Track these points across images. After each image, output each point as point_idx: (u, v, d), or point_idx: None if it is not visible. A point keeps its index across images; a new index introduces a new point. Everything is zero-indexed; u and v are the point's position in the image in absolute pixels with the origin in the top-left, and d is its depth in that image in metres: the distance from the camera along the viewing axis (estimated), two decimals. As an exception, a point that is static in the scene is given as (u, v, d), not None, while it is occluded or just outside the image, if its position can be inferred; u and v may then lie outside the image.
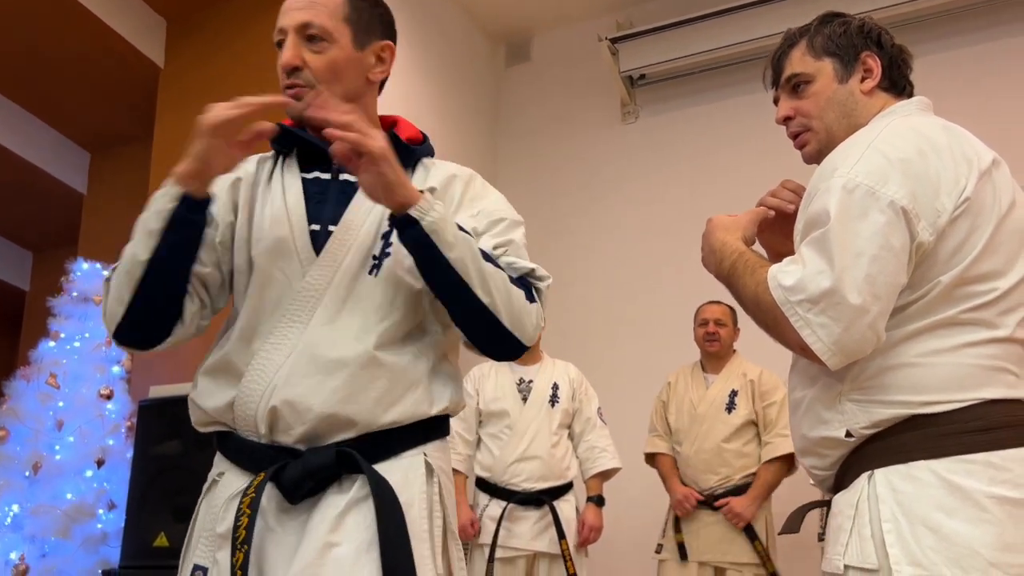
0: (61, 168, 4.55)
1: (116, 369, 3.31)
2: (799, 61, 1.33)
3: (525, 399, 3.11)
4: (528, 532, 2.97)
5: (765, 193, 1.43)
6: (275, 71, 1.32)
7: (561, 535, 2.94)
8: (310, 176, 1.30)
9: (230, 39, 3.81)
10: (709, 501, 3.01)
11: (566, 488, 3.08)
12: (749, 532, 2.94)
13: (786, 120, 1.35)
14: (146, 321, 1.24)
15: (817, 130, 1.31)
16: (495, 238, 1.28)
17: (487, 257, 1.20)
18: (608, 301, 4.26)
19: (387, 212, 1.21)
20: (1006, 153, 1.28)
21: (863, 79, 1.30)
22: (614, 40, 4.33)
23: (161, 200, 1.21)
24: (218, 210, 1.30)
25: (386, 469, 1.17)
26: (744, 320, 3.30)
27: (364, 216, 1.25)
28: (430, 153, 1.40)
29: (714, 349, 3.18)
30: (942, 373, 1.11)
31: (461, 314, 1.20)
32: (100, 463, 3.06)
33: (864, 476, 1.13)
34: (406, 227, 1.14)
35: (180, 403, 2.87)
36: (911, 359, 1.12)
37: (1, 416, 3.05)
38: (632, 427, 3.40)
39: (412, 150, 1.35)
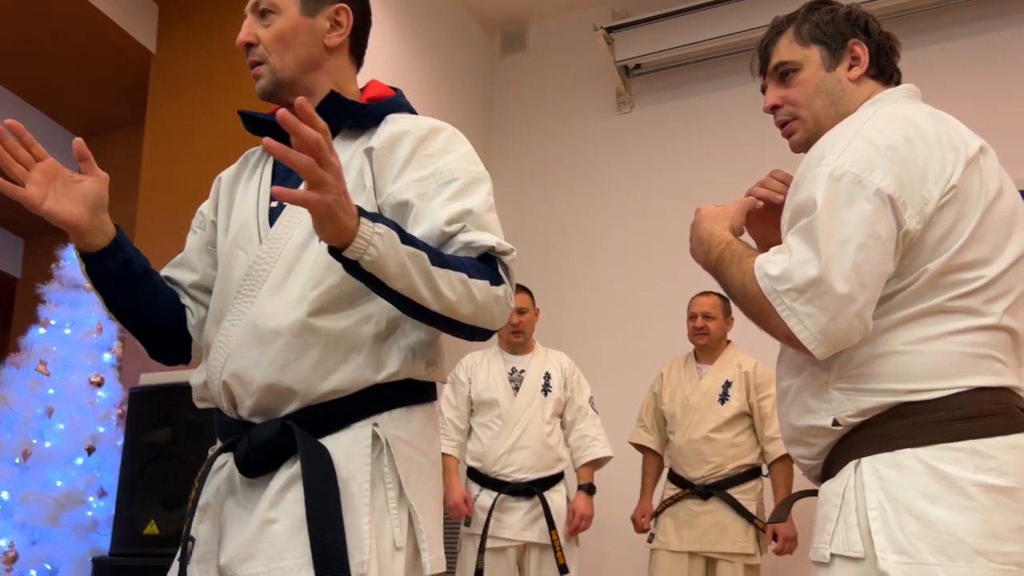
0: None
1: (107, 356, 3.30)
2: (786, 49, 1.33)
3: (517, 389, 3.11)
4: (519, 522, 2.97)
5: (755, 183, 1.42)
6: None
7: (551, 526, 2.94)
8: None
9: (221, 25, 3.78)
10: (700, 491, 3.02)
11: (557, 478, 3.09)
12: (747, 515, 2.94)
13: (773, 109, 1.35)
14: (160, 344, 1.35)
15: (804, 118, 1.31)
16: (448, 206, 1.17)
17: (439, 258, 1.10)
18: (602, 291, 4.25)
19: (366, 184, 1.23)
20: (1004, 144, 1.28)
21: (850, 67, 1.30)
22: (609, 29, 4.31)
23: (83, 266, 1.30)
24: (206, 212, 1.38)
25: (330, 441, 1.14)
26: (740, 319, 3.30)
27: None
28: (401, 109, 1.32)
29: (703, 342, 3.18)
30: (929, 361, 1.11)
31: (422, 320, 1.15)
32: (90, 450, 3.05)
33: (851, 465, 1.13)
34: (346, 264, 1.05)
35: (171, 391, 2.92)
36: (898, 347, 1.12)
37: (-10, 403, 3.03)
38: (625, 417, 3.40)
39: (364, 108, 1.29)
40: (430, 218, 1.17)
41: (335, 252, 1.04)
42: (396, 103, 1.33)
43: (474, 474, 3.08)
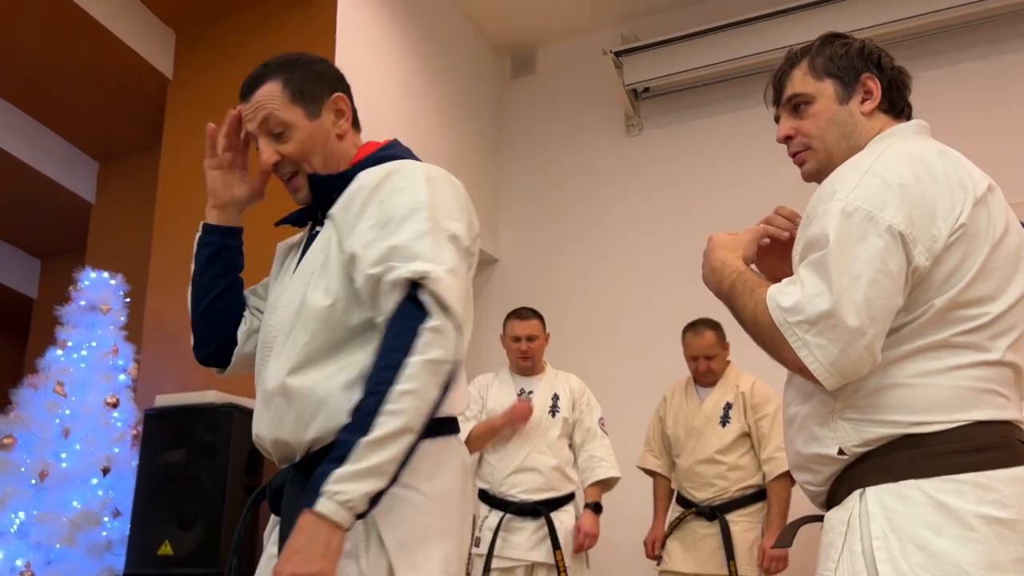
0: (70, 177, 4.59)
1: (122, 378, 3.34)
2: (800, 81, 1.36)
3: (524, 410, 3.13)
4: (525, 542, 2.98)
5: (764, 212, 1.45)
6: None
7: (556, 546, 2.95)
8: (314, 231, 1.43)
9: (238, 50, 3.85)
10: (706, 512, 3.03)
11: (566, 500, 3.10)
12: (727, 549, 2.93)
13: (787, 139, 1.38)
14: (206, 337, 1.47)
15: (817, 150, 1.34)
16: (376, 246, 1.20)
17: (366, 416, 1.11)
18: (610, 312, 4.28)
19: (324, 250, 1.32)
20: (1007, 168, 1.30)
21: (863, 100, 1.32)
22: (619, 53, 4.36)
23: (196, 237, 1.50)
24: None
25: None
26: (736, 331, 3.30)
27: (311, 258, 1.35)
28: (376, 163, 1.35)
29: (709, 382, 3.18)
30: (933, 394, 1.14)
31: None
32: (106, 471, 3.08)
33: (856, 494, 1.15)
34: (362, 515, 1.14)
35: (186, 412, 2.96)
36: (903, 380, 1.15)
37: (8, 424, 3.07)
38: (633, 438, 3.42)
39: (339, 178, 1.35)
40: (362, 264, 1.21)
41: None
42: (372, 160, 1.38)
43: (483, 495, 3.10)
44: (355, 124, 1.46)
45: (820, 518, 1.26)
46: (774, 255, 1.38)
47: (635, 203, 4.41)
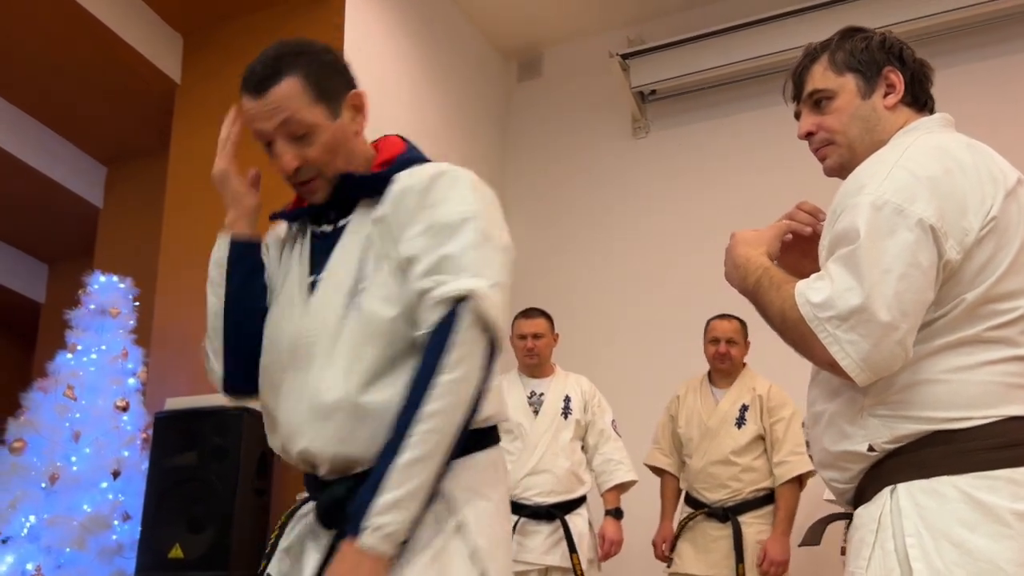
0: (77, 182, 4.59)
1: (132, 381, 3.34)
2: (821, 77, 1.34)
3: (536, 412, 3.13)
4: (540, 546, 2.97)
5: (780, 213, 1.44)
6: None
7: (572, 549, 2.94)
8: (318, 229, 1.36)
9: (246, 54, 3.79)
10: (718, 513, 3.01)
11: (578, 502, 3.09)
12: (738, 551, 2.92)
13: (808, 135, 1.36)
14: (245, 366, 1.35)
15: (840, 144, 1.32)
16: (428, 259, 1.19)
17: (402, 435, 1.11)
18: (618, 315, 4.27)
19: (364, 253, 1.27)
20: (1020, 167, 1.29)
21: (886, 94, 1.31)
22: (625, 56, 4.36)
23: (214, 253, 1.37)
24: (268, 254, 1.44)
25: None
26: (755, 334, 3.32)
27: (345, 257, 1.28)
28: (409, 165, 1.32)
29: (724, 367, 3.19)
30: (965, 390, 1.12)
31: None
32: (116, 474, 3.08)
33: (886, 490, 1.14)
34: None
35: (196, 415, 2.95)
36: (935, 375, 1.13)
37: (19, 427, 3.07)
38: (643, 440, 3.41)
39: (375, 179, 1.30)
40: (412, 274, 1.21)
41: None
42: (404, 161, 1.34)
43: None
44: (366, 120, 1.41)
45: (846, 516, 1.25)
46: (796, 251, 1.36)
47: (642, 205, 4.41)
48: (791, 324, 1.16)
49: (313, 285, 1.29)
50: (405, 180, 1.28)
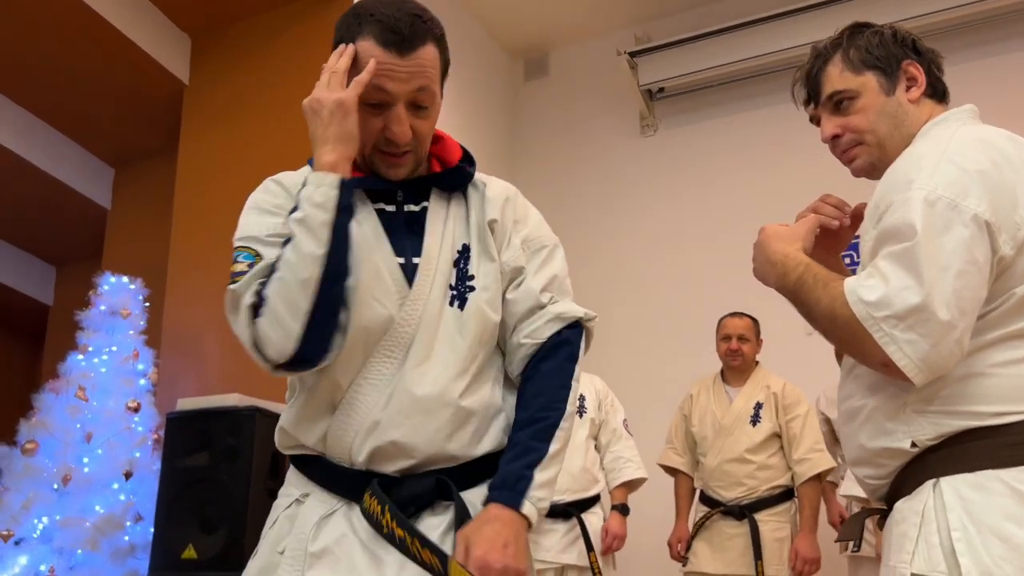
0: (85, 183, 4.60)
1: (143, 382, 3.34)
2: (839, 78, 1.31)
3: (552, 411, 3.12)
4: (556, 545, 2.96)
5: (790, 209, 1.41)
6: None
7: (590, 547, 2.94)
8: (385, 208, 1.27)
9: (253, 55, 3.86)
10: (734, 511, 3.01)
11: (593, 501, 3.08)
12: (756, 548, 2.91)
13: (834, 138, 1.33)
14: (324, 329, 1.12)
15: (870, 144, 1.30)
16: (539, 273, 1.29)
17: (537, 443, 1.18)
18: (629, 313, 4.26)
19: (458, 240, 1.26)
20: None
21: (908, 88, 1.29)
22: (633, 54, 4.36)
23: (320, 190, 1.14)
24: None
25: (472, 496, 1.20)
26: (768, 332, 3.31)
27: (439, 246, 1.24)
28: (474, 167, 1.34)
29: (736, 364, 3.18)
30: (1013, 384, 1.11)
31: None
32: (128, 475, 3.08)
33: (928, 484, 1.12)
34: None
35: (207, 415, 2.94)
36: (983, 370, 1.12)
37: (31, 429, 3.07)
38: (655, 438, 3.40)
39: (467, 175, 1.32)
40: (527, 286, 1.28)
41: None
42: (472, 162, 1.34)
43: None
44: None
45: (879, 511, 1.24)
46: (820, 246, 1.33)
47: (650, 203, 4.40)
48: (841, 323, 1.12)
49: (405, 268, 1.21)
50: (497, 189, 1.32)
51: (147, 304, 3.54)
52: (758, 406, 3.08)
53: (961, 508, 1.08)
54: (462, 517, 1.16)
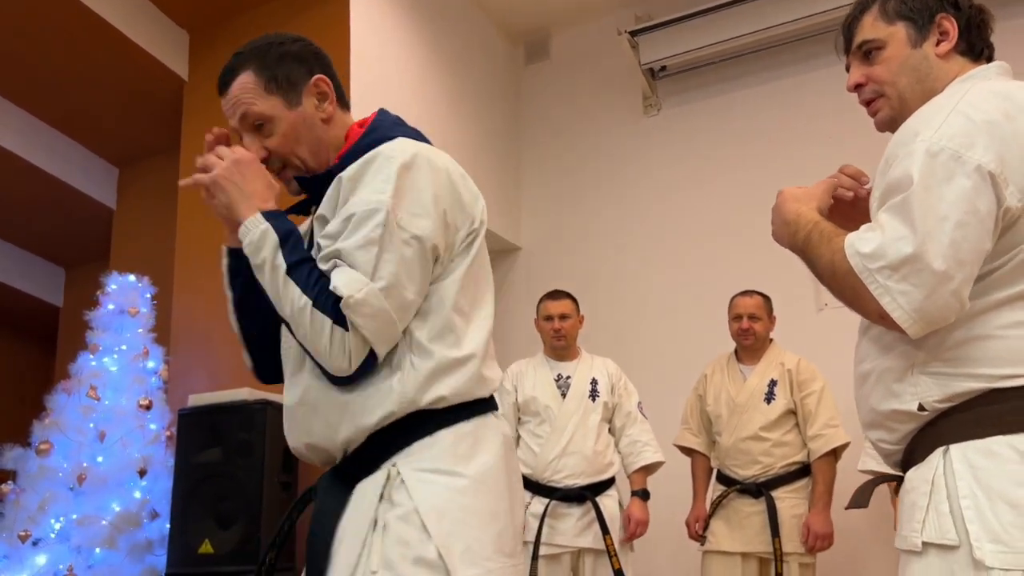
0: (90, 184, 4.59)
1: (154, 380, 3.34)
2: (871, 27, 1.29)
3: (564, 395, 3.11)
4: (572, 529, 2.96)
5: (796, 184, 1.38)
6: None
7: (605, 531, 2.93)
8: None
9: (252, 49, 3.83)
10: (751, 489, 2.99)
11: (608, 483, 3.07)
12: (773, 526, 2.89)
13: (857, 87, 1.31)
14: (271, 358, 1.39)
15: (890, 96, 1.28)
16: (336, 245, 1.22)
17: (296, 271, 1.21)
18: (637, 294, 4.24)
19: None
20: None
21: (938, 42, 1.26)
22: (633, 33, 4.31)
23: (223, 260, 1.40)
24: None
25: (361, 484, 1.24)
26: (780, 309, 3.28)
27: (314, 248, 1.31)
28: (360, 152, 1.28)
29: (749, 343, 3.16)
30: (1020, 346, 1.08)
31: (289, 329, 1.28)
32: (143, 473, 3.08)
33: (939, 451, 1.10)
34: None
35: (220, 411, 2.95)
36: (991, 331, 1.09)
37: (44, 429, 3.08)
38: (670, 420, 3.38)
39: (323, 180, 1.31)
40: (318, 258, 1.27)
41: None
42: (358, 149, 1.30)
43: (525, 482, 3.06)
44: (342, 103, 1.38)
45: (893, 477, 1.22)
46: (836, 215, 1.31)
47: (656, 183, 4.37)
48: (841, 276, 1.12)
49: None
50: (347, 172, 1.26)
51: (155, 302, 3.54)
52: (772, 383, 3.06)
53: (971, 475, 1.06)
54: (317, 507, 1.28)
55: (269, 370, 1.41)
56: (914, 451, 1.16)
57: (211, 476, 2.89)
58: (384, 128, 1.34)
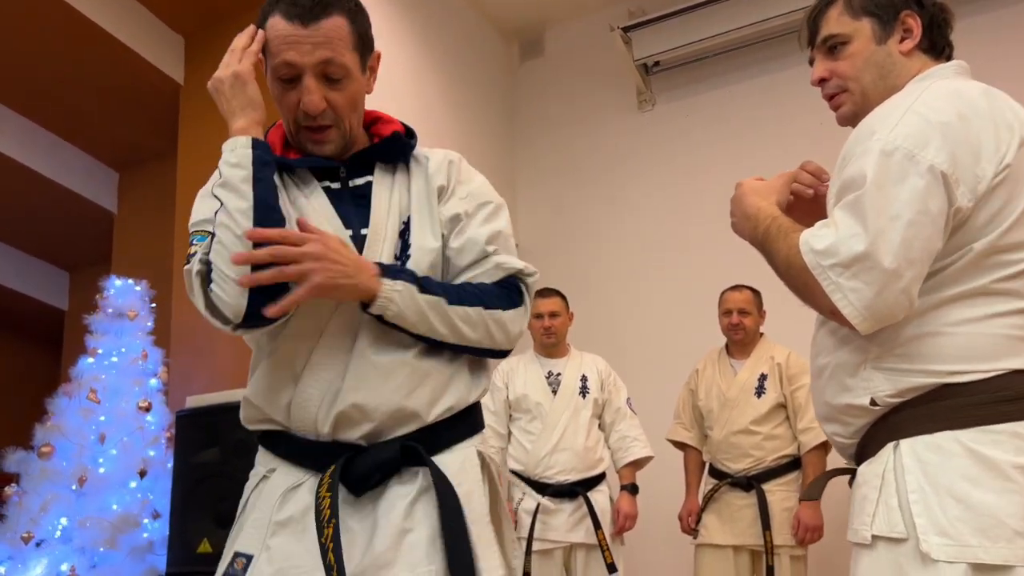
0: (91, 189, 4.65)
1: (153, 382, 3.38)
2: (836, 21, 1.31)
3: (555, 392, 3.14)
4: (564, 524, 2.99)
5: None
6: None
7: (597, 525, 2.96)
8: (331, 185, 1.31)
9: (246, 52, 3.86)
10: (742, 482, 3.01)
11: (599, 479, 3.10)
12: (764, 519, 2.91)
13: (821, 82, 1.33)
14: (268, 288, 1.15)
15: (853, 91, 1.29)
16: (485, 225, 1.30)
17: (457, 296, 1.22)
18: (631, 289, 4.26)
19: (404, 211, 1.29)
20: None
21: (902, 39, 1.28)
22: (626, 29, 4.32)
23: (236, 153, 1.18)
24: None
25: (443, 461, 1.21)
26: (770, 303, 3.29)
27: (385, 218, 1.27)
28: (415, 140, 1.38)
29: (739, 338, 3.17)
30: (971, 343, 1.11)
31: (445, 349, 1.25)
32: (143, 474, 3.12)
33: (889, 446, 1.13)
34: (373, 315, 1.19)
35: (216, 412, 2.98)
36: (940, 327, 1.12)
37: (46, 432, 3.12)
38: (662, 415, 3.40)
39: (406, 144, 1.34)
40: (472, 236, 1.29)
41: (364, 307, 1.18)
42: (413, 135, 1.38)
43: (517, 478, 3.11)
44: None
45: (850, 471, 1.24)
46: (797, 211, 1.33)
47: (652, 179, 4.38)
48: (795, 272, 1.14)
49: (355, 239, 1.24)
50: (438, 155, 1.36)
51: (154, 305, 3.58)
52: (762, 377, 3.07)
53: (919, 470, 1.08)
54: (437, 480, 1.17)
55: (263, 304, 1.14)
56: (867, 445, 1.19)
57: (209, 476, 2.93)
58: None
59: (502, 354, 1.30)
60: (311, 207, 1.27)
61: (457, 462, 1.23)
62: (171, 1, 3.84)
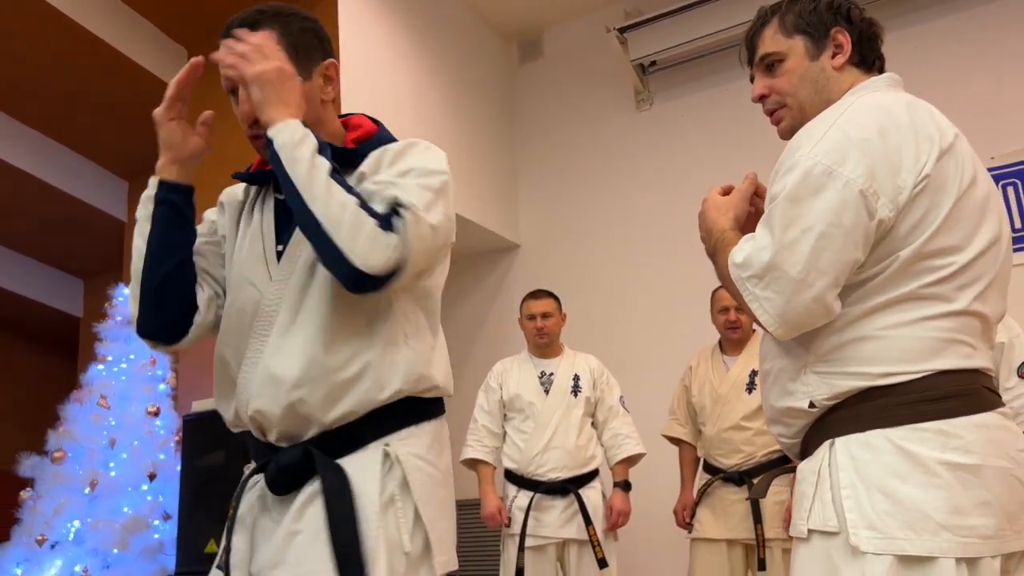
0: (101, 198, 4.76)
1: (162, 387, 3.48)
2: (771, 40, 1.36)
3: (547, 391, 3.20)
4: (556, 520, 3.05)
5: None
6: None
7: (588, 522, 3.01)
8: (281, 197, 1.34)
9: (247, 61, 3.93)
10: (734, 477, 3.05)
11: (591, 476, 3.15)
12: (755, 513, 2.94)
13: (761, 98, 1.39)
14: (161, 307, 1.33)
15: (791, 107, 1.35)
16: (391, 168, 1.25)
17: (340, 179, 1.19)
18: (628, 288, 4.30)
19: None
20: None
21: (834, 55, 1.32)
22: (622, 29, 4.35)
23: (144, 194, 1.37)
24: (216, 221, 1.45)
25: (348, 462, 1.24)
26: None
27: None
28: (383, 143, 1.35)
29: (736, 336, 3.20)
30: (899, 345, 1.15)
31: (303, 229, 1.21)
32: (152, 477, 3.22)
33: (825, 444, 1.18)
34: (269, 145, 1.21)
35: (220, 416, 3.06)
36: (872, 332, 1.16)
37: (59, 438, 3.23)
38: (657, 412, 3.45)
39: (350, 152, 1.33)
40: (376, 179, 1.26)
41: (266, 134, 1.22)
42: (380, 139, 1.37)
43: (511, 476, 3.17)
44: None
45: (791, 469, 1.29)
46: (750, 226, 1.36)
47: (650, 178, 4.41)
48: (729, 285, 1.21)
49: (280, 254, 1.30)
50: (387, 147, 1.32)
51: (162, 311, 3.66)
52: (753, 374, 3.10)
53: (851, 467, 1.13)
54: (325, 481, 1.20)
55: (151, 324, 1.34)
56: (807, 445, 1.24)
57: (215, 478, 3.01)
58: (389, 132, 1.42)
59: (356, 276, 1.16)
60: (258, 220, 1.35)
61: (359, 462, 1.24)
62: (172, 13, 3.93)
